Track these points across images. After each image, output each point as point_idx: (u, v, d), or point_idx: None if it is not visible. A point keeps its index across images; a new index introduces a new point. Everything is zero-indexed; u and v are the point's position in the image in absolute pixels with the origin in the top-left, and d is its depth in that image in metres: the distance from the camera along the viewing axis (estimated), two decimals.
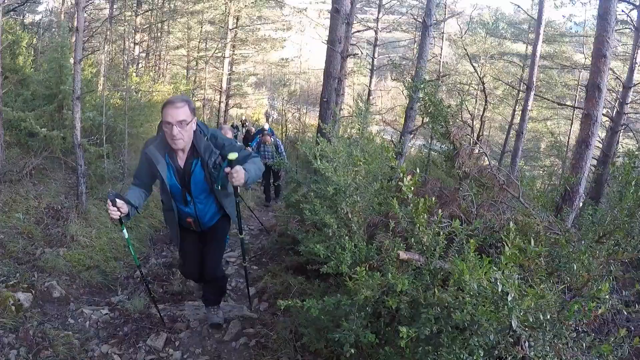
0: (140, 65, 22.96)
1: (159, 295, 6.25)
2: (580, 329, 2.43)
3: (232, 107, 28.84)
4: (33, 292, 5.26)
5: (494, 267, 2.07)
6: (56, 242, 6.81)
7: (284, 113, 30.16)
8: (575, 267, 2.71)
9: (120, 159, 10.66)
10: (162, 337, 4.87)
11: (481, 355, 2.11)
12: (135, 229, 8.59)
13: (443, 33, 20.50)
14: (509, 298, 1.99)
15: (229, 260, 7.77)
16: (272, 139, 13.00)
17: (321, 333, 3.53)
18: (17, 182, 7.79)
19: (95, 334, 4.93)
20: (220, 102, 24.95)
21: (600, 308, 2.20)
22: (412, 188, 2.49)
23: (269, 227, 9.83)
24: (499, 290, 1.98)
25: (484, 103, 12.65)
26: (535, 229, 3.57)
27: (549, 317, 2.12)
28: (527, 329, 2.17)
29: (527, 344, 2.23)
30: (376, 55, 19.56)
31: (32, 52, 12.20)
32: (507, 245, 2.06)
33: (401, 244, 3.09)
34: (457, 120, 4.87)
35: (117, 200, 3.86)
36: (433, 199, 2.50)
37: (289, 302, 2.82)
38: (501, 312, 2.07)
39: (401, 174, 2.48)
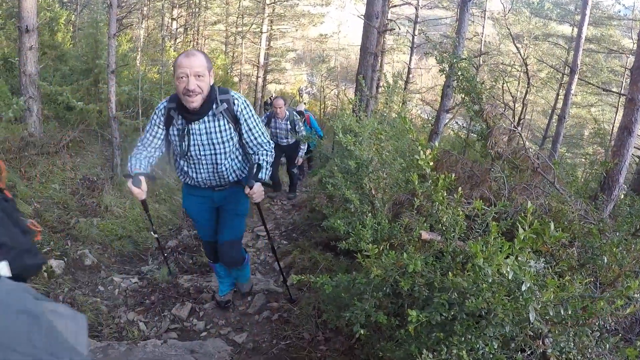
0: (178, 40, 23.05)
1: (187, 266, 6.33)
2: (606, 327, 2.31)
3: (270, 82, 28.74)
4: (65, 259, 5.38)
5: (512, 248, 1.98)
6: (90, 212, 6.93)
7: (322, 89, 30.04)
8: (605, 260, 2.57)
9: None
10: (187, 307, 4.94)
11: (495, 347, 2.00)
12: (169, 200, 8.71)
13: (485, 11, 19.93)
14: (523, 288, 1.87)
15: (259, 234, 7.80)
16: (287, 112, 9.29)
17: (342, 311, 3.51)
18: (54, 154, 7.94)
19: (123, 301, 5.04)
20: (257, 78, 24.89)
21: (629, 307, 2.04)
22: (431, 163, 2.40)
23: (300, 202, 9.84)
24: (509, 278, 1.87)
25: (526, 85, 12.34)
26: (569, 216, 3.45)
27: (570, 312, 1.99)
28: (547, 323, 2.06)
29: (548, 340, 2.15)
30: (416, 33, 19.19)
31: (71, 29, 12.37)
32: (523, 228, 1.91)
33: (425, 224, 3.03)
34: (492, 98, 4.74)
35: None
36: (453, 175, 2.40)
37: (302, 277, 2.79)
38: (518, 302, 1.95)
39: (419, 147, 2.39)
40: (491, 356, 1.99)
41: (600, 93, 20.87)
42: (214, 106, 3.65)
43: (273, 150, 3.98)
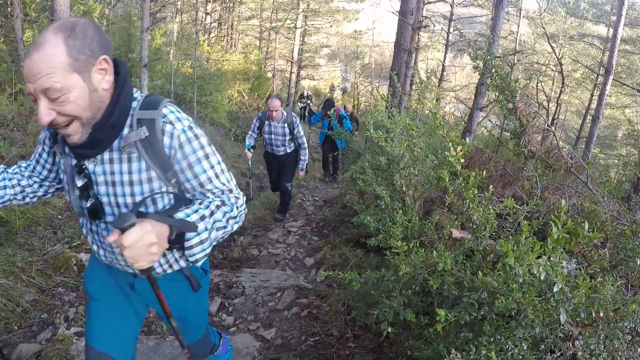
0: (211, 35, 23.22)
1: (218, 261, 6.36)
2: (637, 330, 2.24)
3: (304, 78, 28.85)
4: None
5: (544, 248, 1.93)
6: None
7: (356, 86, 29.99)
8: (638, 262, 2.48)
9: None
10: (217, 302, 4.96)
11: (524, 348, 1.95)
12: None
13: (520, 10, 19.63)
14: (555, 289, 1.82)
15: (291, 230, 7.81)
16: (285, 113, 7.46)
17: (370, 308, 3.48)
18: None
19: None
20: (291, 73, 24.98)
21: None
22: (461, 160, 2.35)
23: (332, 198, 9.80)
24: (541, 278, 1.81)
25: (560, 85, 12.12)
26: (602, 217, 3.36)
27: (602, 315, 1.91)
28: (577, 326, 2.00)
29: (579, 342, 2.08)
30: (451, 31, 18.99)
31: (104, 22, 12.53)
32: (556, 227, 1.86)
33: (455, 222, 2.98)
34: (526, 97, 4.65)
35: None
36: (484, 172, 2.35)
37: (330, 273, 2.77)
38: (549, 303, 1.90)
39: (450, 144, 2.34)
40: (520, 357, 1.94)
41: (635, 94, 20.43)
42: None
43: (240, 205, 2.05)
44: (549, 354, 2.10)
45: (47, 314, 4.31)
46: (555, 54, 8.49)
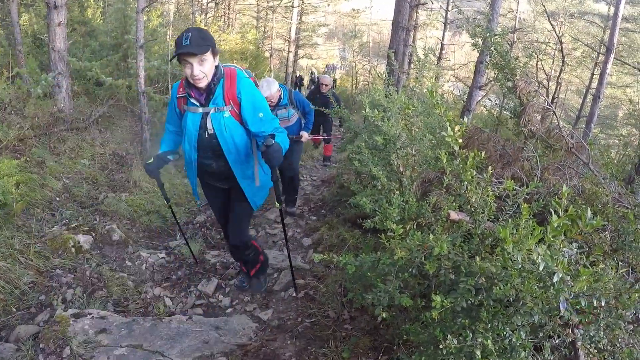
0: (208, 15, 23.01)
1: (215, 241, 6.35)
2: (638, 316, 2.19)
3: (302, 57, 28.62)
4: (93, 234, 5.42)
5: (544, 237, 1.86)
6: (119, 187, 6.98)
7: (354, 65, 29.80)
8: None
9: None
10: (213, 283, 4.95)
11: (522, 336, 1.91)
12: None
13: None
14: (555, 279, 1.76)
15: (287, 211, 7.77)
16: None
17: (367, 290, 3.44)
18: (84, 130, 8.01)
19: (150, 276, 5.07)
20: (289, 52, 24.78)
21: None
22: (459, 140, 2.29)
23: (329, 178, 9.75)
24: (541, 268, 1.76)
25: (561, 64, 12.02)
26: (603, 199, 3.31)
27: (603, 303, 1.86)
28: (578, 313, 1.95)
29: (579, 331, 2.04)
30: (450, 8, 18.79)
31: (101, 4, 12.41)
32: (557, 214, 1.78)
33: (453, 203, 2.93)
34: (526, 75, 4.58)
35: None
36: (483, 153, 2.29)
37: (324, 257, 2.73)
38: (549, 292, 1.84)
39: (447, 124, 2.28)
40: (518, 345, 1.90)
41: (636, 73, 20.24)
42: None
43: None
44: (547, 339, 2.06)
45: (45, 296, 4.29)
46: (556, 32, 8.39)
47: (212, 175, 4.03)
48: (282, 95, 6.59)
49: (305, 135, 7.17)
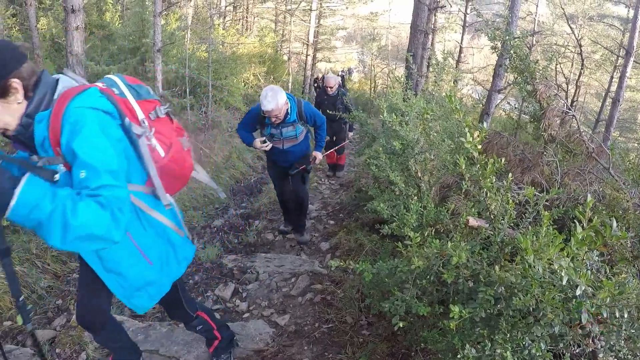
0: (226, 18, 23.11)
1: (233, 245, 6.35)
2: None
3: (320, 60, 28.61)
4: None
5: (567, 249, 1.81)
6: None
7: (372, 68, 29.76)
8: None
9: (203, 110, 10.81)
10: (230, 287, 4.95)
11: (542, 347, 1.85)
12: (216, 179, 8.74)
13: None
14: (578, 292, 1.71)
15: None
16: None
17: (385, 296, 3.41)
18: None
19: None
20: (307, 56, 24.77)
21: None
22: (478, 146, 2.24)
23: (347, 182, 9.72)
24: (564, 282, 1.70)
25: (580, 67, 11.91)
26: (624, 205, 3.24)
27: (626, 315, 1.80)
28: (599, 324, 1.90)
29: (600, 341, 1.99)
30: (468, 11, 18.66)
31: (119, 8, 12.53)
32: (580, 224, 1.73)
33: (472, 209, 2.89)
34: (545, 78, 4.51)
35: None
36: (502, 160, 2.25)
37: (341, 263, 2.71)
38: (570, 303, 1.80)
39: (466, 129, 2.23)
40: (538, 355, 1.85)
41: None
42: None
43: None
44: (567, 348, 2.02)
45: (62, 300, 4.32)
46: (575, 35, 8.29)
47: None
48: (289, 110, 5.52)
49: (318, 157, 6.16)
